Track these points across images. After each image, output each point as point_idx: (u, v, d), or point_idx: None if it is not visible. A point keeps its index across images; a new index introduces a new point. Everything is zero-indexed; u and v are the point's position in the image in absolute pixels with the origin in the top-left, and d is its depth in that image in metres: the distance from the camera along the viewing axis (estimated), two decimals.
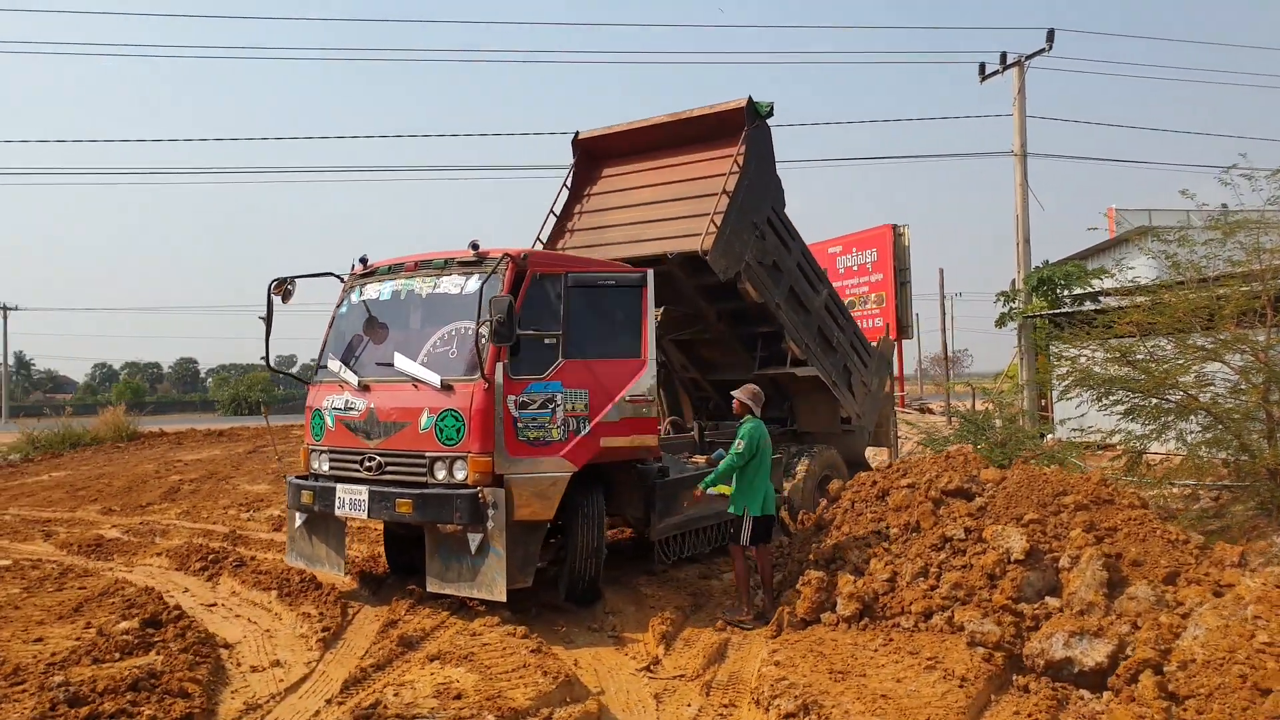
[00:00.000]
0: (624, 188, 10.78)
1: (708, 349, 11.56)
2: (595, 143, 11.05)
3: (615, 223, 10.48)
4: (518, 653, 5.74)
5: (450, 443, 6.62)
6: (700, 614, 7.11)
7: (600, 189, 10.98)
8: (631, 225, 10.27)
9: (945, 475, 7.40)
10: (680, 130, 10.34)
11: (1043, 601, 6.12)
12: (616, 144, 10.91)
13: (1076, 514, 6.65)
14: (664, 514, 7.87)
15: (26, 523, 11.82)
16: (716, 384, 11.89)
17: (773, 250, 10.21)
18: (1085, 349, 12.46)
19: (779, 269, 10.30)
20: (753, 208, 9.80)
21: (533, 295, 6.84)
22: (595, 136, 10.98)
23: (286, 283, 7.53)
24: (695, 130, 10.23)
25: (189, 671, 5.32)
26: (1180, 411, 9.25)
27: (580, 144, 11.08)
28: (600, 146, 11.08)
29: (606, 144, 10.99)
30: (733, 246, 9.40)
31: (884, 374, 12.45)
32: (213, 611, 7.18)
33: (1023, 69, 19.40)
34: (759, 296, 9.77)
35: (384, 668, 5.71)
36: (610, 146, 11.00)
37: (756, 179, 9.86)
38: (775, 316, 10.13)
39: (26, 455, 21.79)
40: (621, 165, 10.96)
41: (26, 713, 4.73)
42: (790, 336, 10.28)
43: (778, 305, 10.12)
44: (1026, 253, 19.43)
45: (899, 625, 6.09)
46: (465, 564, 6.60)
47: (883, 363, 12.49)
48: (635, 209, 10.45)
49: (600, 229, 10.54)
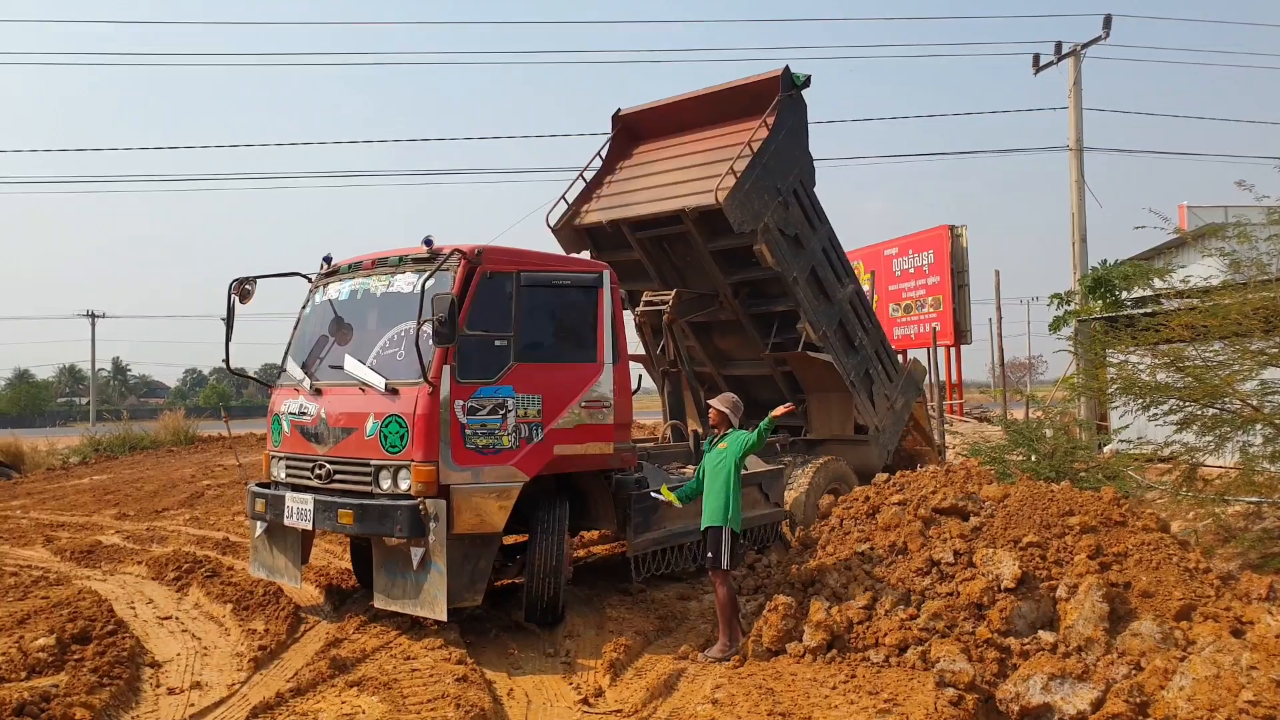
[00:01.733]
0: (654, 159, 10.82)
1: (722, 337, 11.21)
2: (634, 118, 11.16)
3: (640, 188, 10.48)
4: (442, 681, 5.30)
5: (394, 450, 6.22)
6: (667, 639, 6.57)
7: (632, 163, 11.08)
8: (655, 188, 10.25)
9: (940, 492, 6.73)
10: (717, 103, 10.34)
11: (1035, 636, 5.46)
12: (654, 120, 11.03)
13: (1082, 537, 5.94)
14: (641, 528, 7.35)
15: (39, 526, 11.83)
16: (730, 381, 11.40)
17: (796, 223, 9.94)
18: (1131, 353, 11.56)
19: (800, 245, 10.00)
20: (778, 171, 9.60)
21: (483, 294, 6.39)
22: (635, 113, 11.14)
23: (246, 283, 7.23)
24: (731, 104, 10.16)
25: (87, 695, 4.99)
26: (1239, 422, 8.40)
27: (620, 119, 11.20)
28: (639, 123, 11.14)
29: (645, 120, 11.14)
30: (751, 202, 9.21)
31: (910, 396, 11.69)
32: (163, 625, 6.91)
33: (1078, 59, 18.35)
34: (775, 263, 9.43)
35: (302, 693, 5.32)
36: (648, 123, 11.12)
37: (785, 145, 9.74)
38: (792, 292, 9.74)
39: (85, 458, 22.23)
40: (656, 142, 11.03)
41: None
42: (807, 318, 9.84)
43: (794, 279, 9.74)
44: (1083, 252, 18.32)
45: (868, 659, 5.46)
46: (409, 580, 6.18)
47: (910, 384, 11.74)
48: (661, 174, 10.43)
49: (624, 193, 10.56)
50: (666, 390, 10.15)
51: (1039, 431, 12.16)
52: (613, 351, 7.00)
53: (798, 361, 10.18)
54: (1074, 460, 10.62)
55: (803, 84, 10.03)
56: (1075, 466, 10.25)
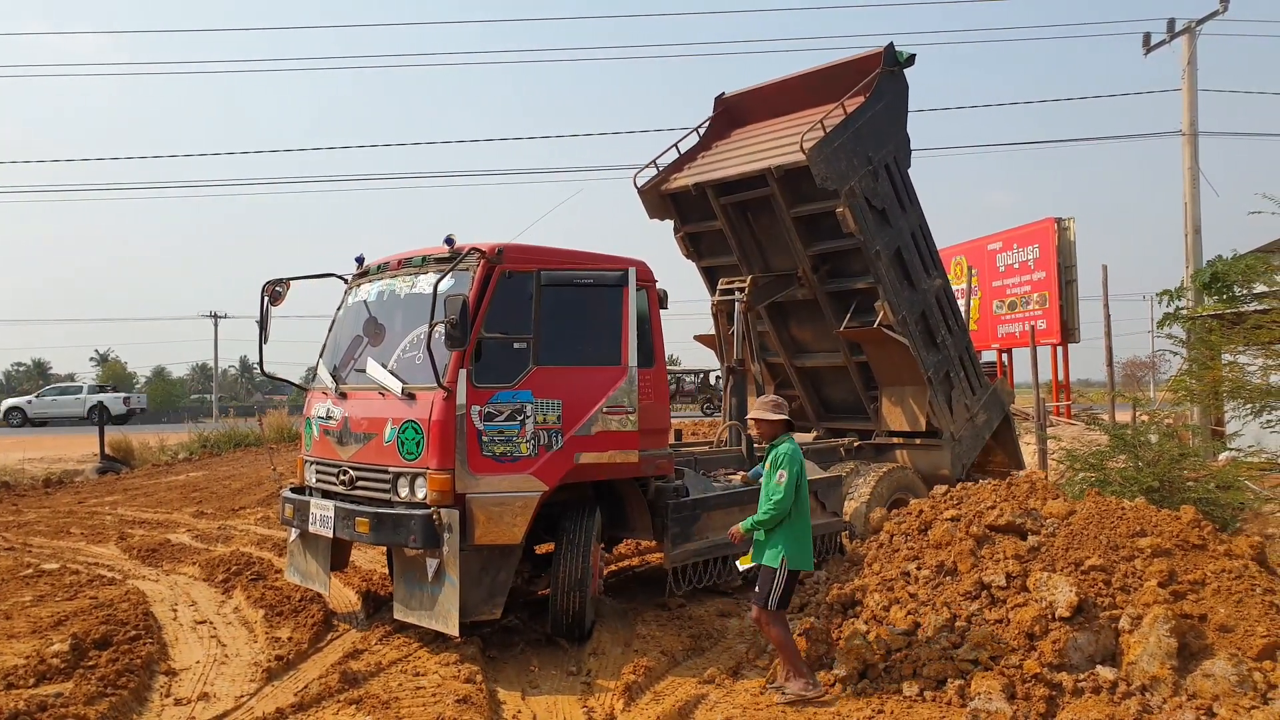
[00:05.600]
0: (750, 135, 10.77)
1: (798, 325, 10.94)
2: (735, 101, 11.18)
3: (730, 157, 10.41)
4: (442, 701, 5.06)
5: (411, 457, 6.02)
6: (696, 660, 6.16)
7: (727, 141, 11.00)
8: (744, 155, 10.17)
9: (998, 507, 6.15)
10: (817, 84, 10.21)
11: (1092, 671, 4.88)
12: (754, 102, 11.02)
13: (1153, 561, 5.31)
14: (679, 539, 6.98)
15: (119, 523, 12.19)
16: (803, 373, 10.98)
17: (884, 197, 9.65)
18: (1241, 354, 10.59)
19: (887, 220, 9.68)
20: (870, 140, 9.38)
21: (502, 294, 6.13)
22: (737, 95, 11.16)
23: (278, 284, 7.17)
24: (833, 84, 9.96)
25: (84, 705, 4.92)
26: None
27: (722, 102, 11.26)
28: (739, 105, 11.15)
29: (745, 103, 11.13)
30: (838, 161, 8.98)
31: (994, 414, 10.98)
32: (195, 630, 6.88)
33: (1193, 36, 17.05)
34: (857, 229, 9.12)
35: (304, 709, 5.16)
36: (748, 105, 11.11)
37: (881, 116, 9.55)
38: (874, 267, 9.38)
39: (191, 454, 23.11)
40: (755, 125, 10.95)
41: None
42: (885, 296, 9.45)
43: (877, 254, 9.39)
44: (1197, 245, 17.03)
45: (901, 692, 4.97)
46: (426, 591, 5.97)
47: (995, 402, 11.03)
48: (753, 145, 10.35)
49: (714, 163, 10.49)
50: (730, 387, 9.75)
51: (1144, 436, 11.26)
52: (642, 354, 6.64)
53: (873, 345, 9.70)
54: (1182, 468, 9.77)
55: (906, 62, 9.87)
56: (1183, 475, 9.42)
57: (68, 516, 12.86)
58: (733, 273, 10.38)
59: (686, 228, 10.77)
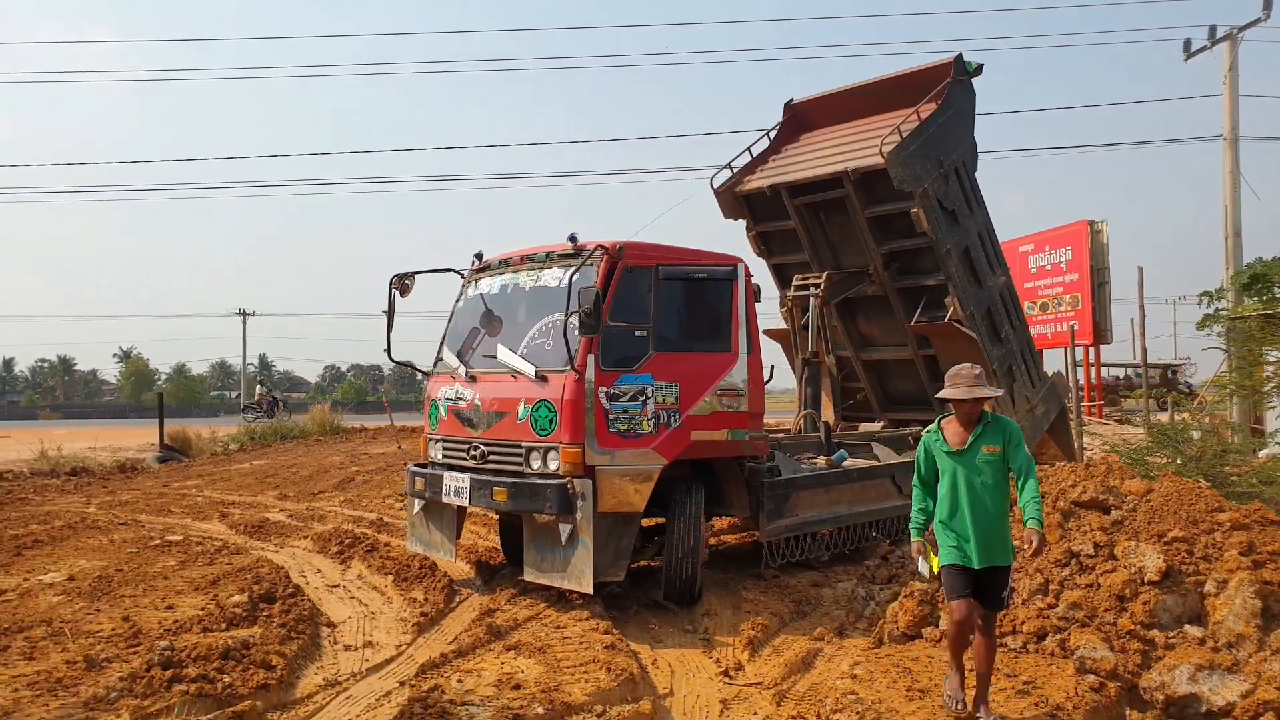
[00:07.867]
0: (820, 140, 11.28)
1: (866, 320, 11.49)
2: (804, 107, 11.75)
3: (802, 160, 10.94)
4: (592, 648, 5.65)
5: (544, 433, 6.63)
6: (801, 622, 6.75)
7: (797, 145, 11.53)
8: (818, 158, 10.71)
9: (1080, 485, 6.68)
10: (886, 92, 10.73)
11: (1181, 630, 5.40)
12: (824, 108, 11.53)
13: (1232, 533, 5.82)
14: (774, 515, 7.56)
15: (213, 504, 12.88)
16: (869, 366, 11.53)
17: (954, 198, 10.22)
18: None
19: (956, 221, 10.25)
20: (942, 145, 9.95)
21: (624, 287, 6.74)
22: (807, 101, 11.73)
23: (406, 277, 7.78)
24: (901, 92, 10.51)
25: (279, 645, 5.56)
26: None
27: (792, 108, 11.83)
28: (808, 111, 11.76)
29: (814, 109, 11.65)
30: (914, 164, 9.54)
31: (1052, 406, 11.56)
32: (333, 593, 7.51)
33: (1235, 42, 17.48)
34: (930, 229, 9.68)
35: (464, 655, 5.76)
36: (817, 111, 11.61)
37: (952, 122, 10.15)
38: (944, 265, 9.95)
39: (243, 445, 23.88)
40: (824, 130, 11.45)
41: (126, 671, 5.08)
42: (956, 293, 10.03)
43: (948, 252, 9.97)
44: (1236, 247, 17.45)
45: (1005, 645, 5.52)
46: (558, 555, 6.58)
47: (1053, 395, 11.62)
48: (825, 148, 10.87)
49: (787, 166, 11.01)
50: (804, 378, 10.33)
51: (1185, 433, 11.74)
52: (746, 342, 7.24)
53: (942, 339, 10.24)
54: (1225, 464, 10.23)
55: (974, 71, 10.50)
56: (1226, 471, 9.88)
57: (159, 498, 13.56)
58: (804, 270, 10.94)
59: (759, 227, 11.34)
